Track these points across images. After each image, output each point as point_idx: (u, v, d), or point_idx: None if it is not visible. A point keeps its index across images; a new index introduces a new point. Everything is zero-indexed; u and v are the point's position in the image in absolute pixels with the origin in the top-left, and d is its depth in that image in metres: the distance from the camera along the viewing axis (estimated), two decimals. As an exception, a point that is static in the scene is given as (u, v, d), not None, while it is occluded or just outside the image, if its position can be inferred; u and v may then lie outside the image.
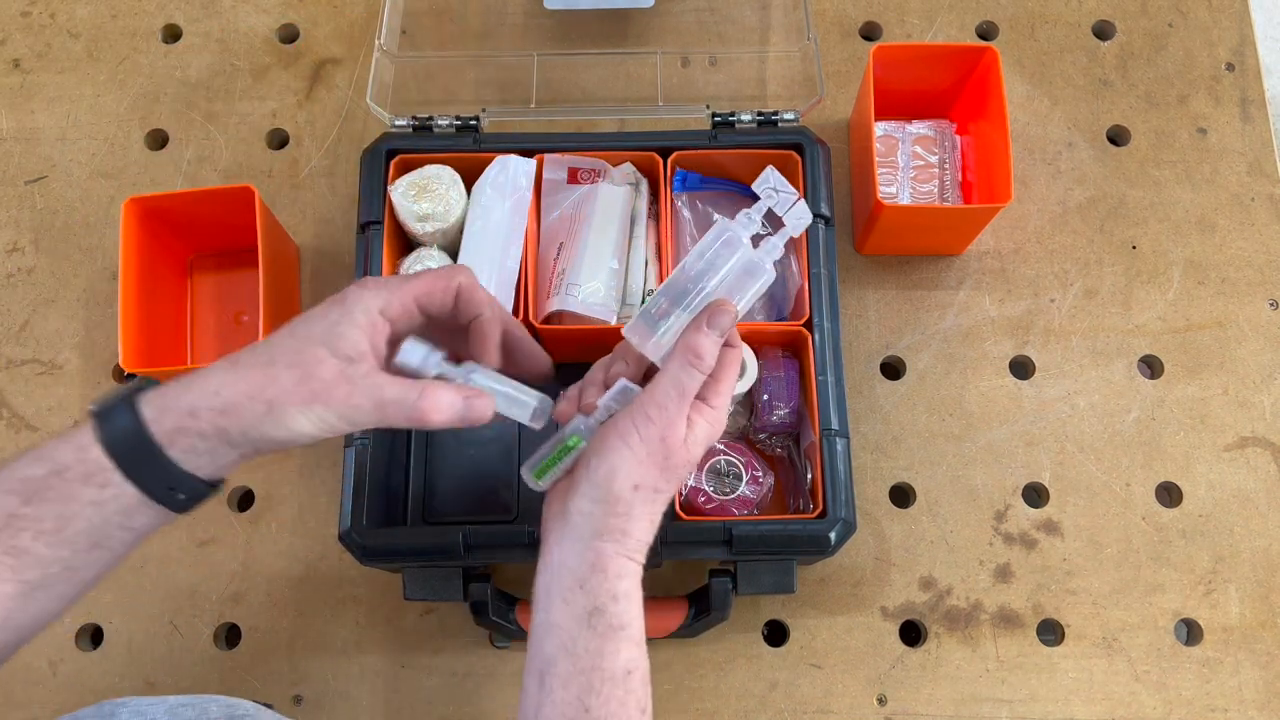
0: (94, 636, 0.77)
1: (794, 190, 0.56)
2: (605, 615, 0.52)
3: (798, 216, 0.56)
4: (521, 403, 0.56)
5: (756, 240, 0.57)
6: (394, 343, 0.54)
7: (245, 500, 0.80)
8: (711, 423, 0.55)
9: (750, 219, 0.56)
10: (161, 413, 0.49)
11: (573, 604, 0.53)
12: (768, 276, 0.56)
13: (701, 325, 0.54)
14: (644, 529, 0.54)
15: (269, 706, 0.59)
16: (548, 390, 0.58)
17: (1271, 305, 0.84)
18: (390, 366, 0.53)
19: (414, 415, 0.50)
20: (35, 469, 0.48)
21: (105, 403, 0.50)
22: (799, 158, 0.77)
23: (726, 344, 0.57)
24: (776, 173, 0.57)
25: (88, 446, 0.48)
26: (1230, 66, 0.90)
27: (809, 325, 0.73)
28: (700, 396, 0.55)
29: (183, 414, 0.49)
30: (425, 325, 0.56)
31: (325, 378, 0.49)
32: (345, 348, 0.50)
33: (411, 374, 0.53)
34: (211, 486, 0.51)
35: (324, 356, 0.50)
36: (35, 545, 0.47)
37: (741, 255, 0.56)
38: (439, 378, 0.54)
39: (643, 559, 0.55)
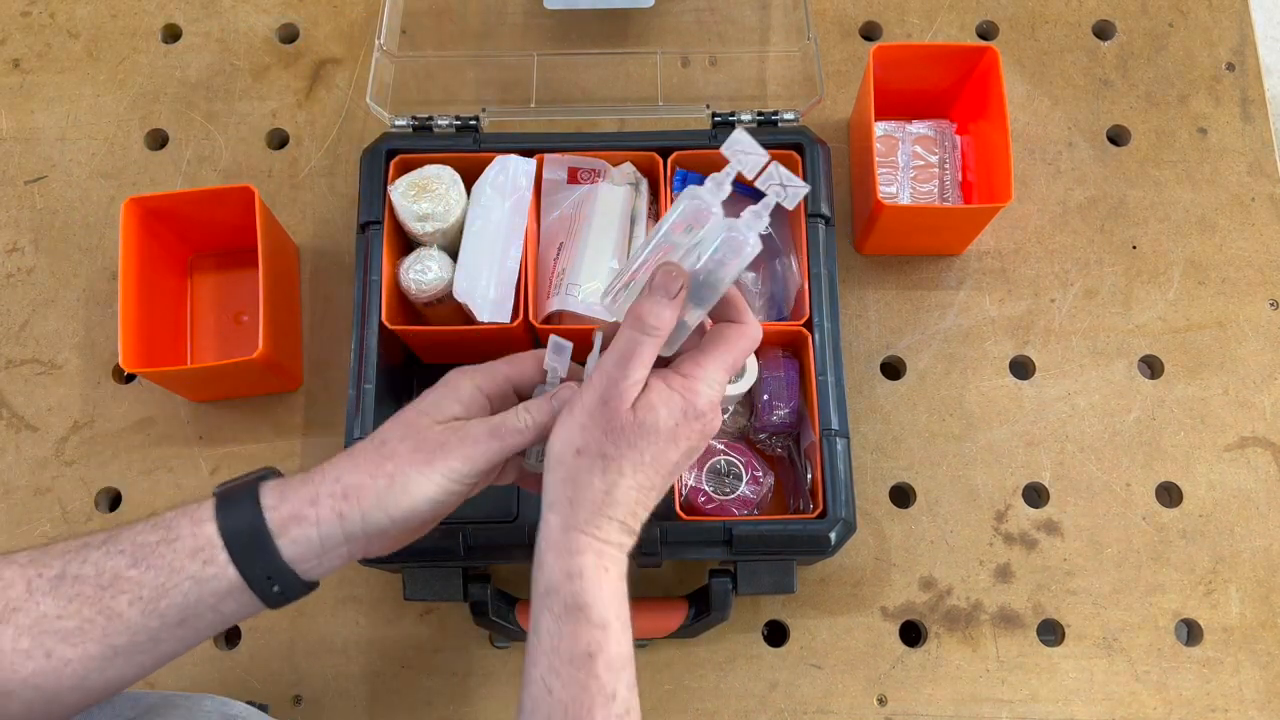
0: (94, 636, 0.77)
1: (764, 152, 0.51)
2: (559, 594, 0.50)
3: (770, 182, 0.51)
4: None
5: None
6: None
7: (245, 500, 0.80)
8: (681, 390, 0.51)
9: (719, 185, 0.52)
10: (280, 501, 0.50)
11: (535, 581, 0.51)
12: (749, 249, 0.52)
13: (647, 291, 0.51)
14: (595, 499, 0.50)
15: (264, 708, 0.59)
16: None
17: (1271, 305, 0.84)
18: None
19: (523, 424, 0.53)
20: (150, 535, 0.49)
21: (230, 484, 0.52)
22: (799, 158, 0.77)
23: (730, 320, 0.54)
24: (746, 135, 0.51)
25: (203, 521, 0.49)
26: (1230, 66, 0.90)
27: (809, 325, 0.73)
28: (674, 367, 0.52)
29: (302, 502, 0.50)
30: (516, 402, 0.57)
31: (437, 438, 0.52)
32: (449, 413, 0.53)
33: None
34: (307, 587, 0.52)
35: (431, 424, 0.53)
36: (130, 611, 0.48)
37: (711, 228, 0.52)
38: None
39: (603, 534, 0.50)
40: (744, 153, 0.51)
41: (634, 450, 0.51)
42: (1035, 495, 0.80)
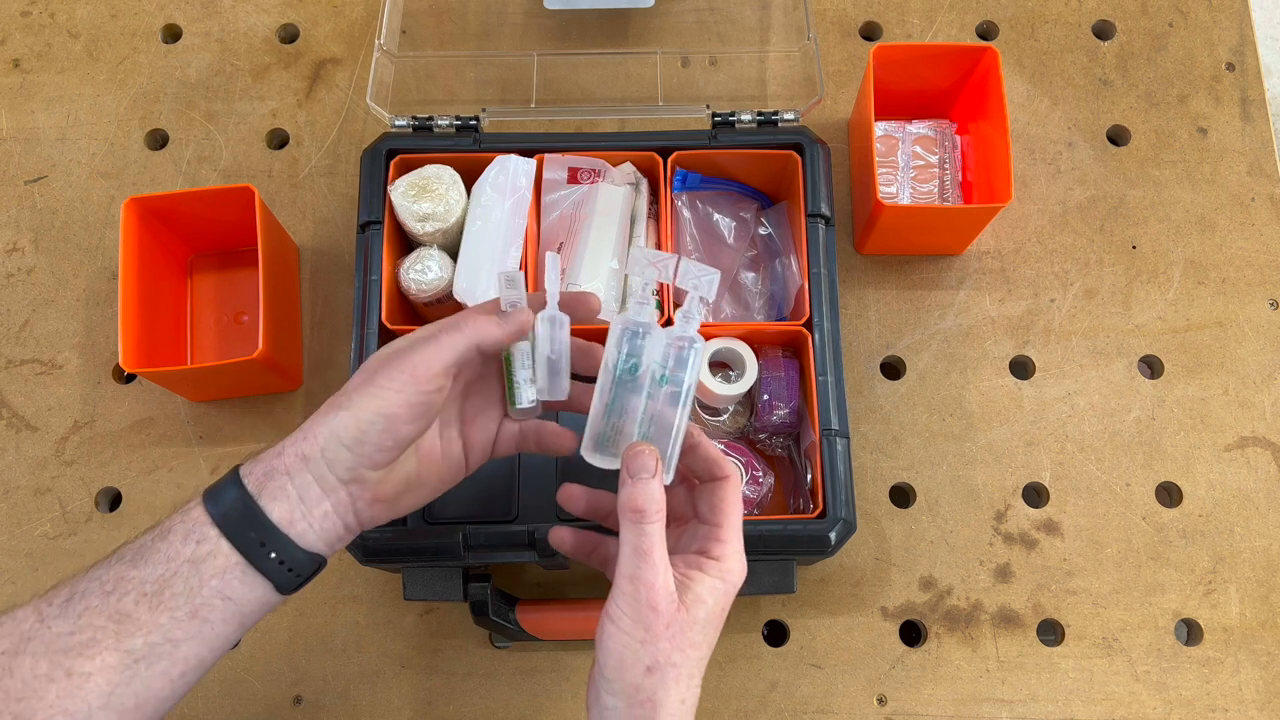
0: (94, 636, 0.77)
1: (668, 257, 0.53)
2: None
3: (687, 278, 0.52)
4: (522, 384, 0.57)
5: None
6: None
7: (245, 500, 0.80)
8: (720, 576, 0.51)
9: (640, 303, 0.54)
10: (255, 465, 0.51)
11: None
12: (698, 347, 0.53)
13: (625, 479, 0.51)
14: (675, 712, 0.50)
15: None
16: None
17: (1271, 305, 0.84)
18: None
19: (462, 321, 0.53)
20: (146, 537, 0.50)
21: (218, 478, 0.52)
22: (799, 158, 0.77)
23: (712, 476, 0.54)
24: (640, 252, 0.54)
25: (192, 509, 0.50)
26: (1230, 66, 0.90)
27: (809, 325, 0.73)
28: (700, 550, 0.53)
29: (271, 457, 0.51)
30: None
31: (378, 362, 0.52)
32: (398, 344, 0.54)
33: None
34: (311, 559, 0.51)
35: (373, 357, 0.53)
36: (138, 610, 0.47)
37: (653, 338, 0.54)
38: None
39: None
40: (650, 264, 0.53)
41: (697, 649, 0.51)
42: (1035, 495, 0.80)
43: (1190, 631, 0.77)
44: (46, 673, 0.46)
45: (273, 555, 0.49)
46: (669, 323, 0.68)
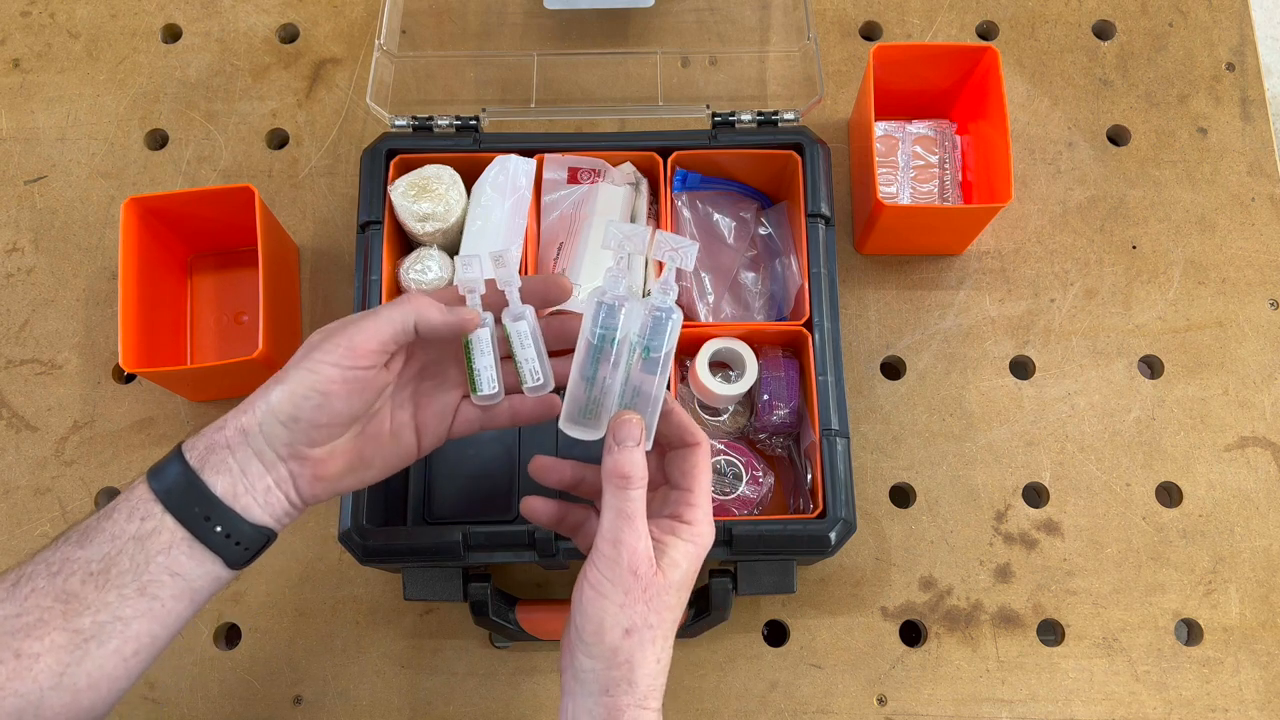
0: (94, 636, 0.77)
1: (643, 230, 0.53)
2: None
3: (663, 249, 0.53)
4: (487, 375, 0.57)
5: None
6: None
7: (245, 500, 0.80)
8: (692, 539, 0.53)
9: (615, 276, 0.54)
10: (198, 439, 0.51)
11: None
12: (676, 318, 0.54)
13: (611, 446, 0.52)
14: (651, 672, 0.51)
15: None
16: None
17: (1271, 305, 0.84)
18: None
19: (403, 299, 0.52)
20: (92, 517, 0.50)
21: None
22: (799, 158, 0.77)
23: (684, 442, 0.55)
24: (615, 228, 0.53)
25: (136, 486, 0.50)
26: (1230, 66, 0.90)
27: (809, 325, 0.73)
28: (673, 514, 0.54)
29: (213, 431, 0.51)
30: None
31: (319, 337, 0.51)
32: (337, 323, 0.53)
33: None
34: (258, 532, 0.51)
35: (325, 328, 0.52)
36: (84, 589, 0.47)
37: (630, 311, 0.54)
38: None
39: (657, 703, 0.51)
40: (625, 238, 0.53)
41: (671, 611, 0.52)
42: (1035, 495, 0.80)
43: (1190, 631, 0.77)
44: None
45: (218, 529, 0.49)
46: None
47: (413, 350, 0.56)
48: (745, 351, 0.73)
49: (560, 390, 0.58)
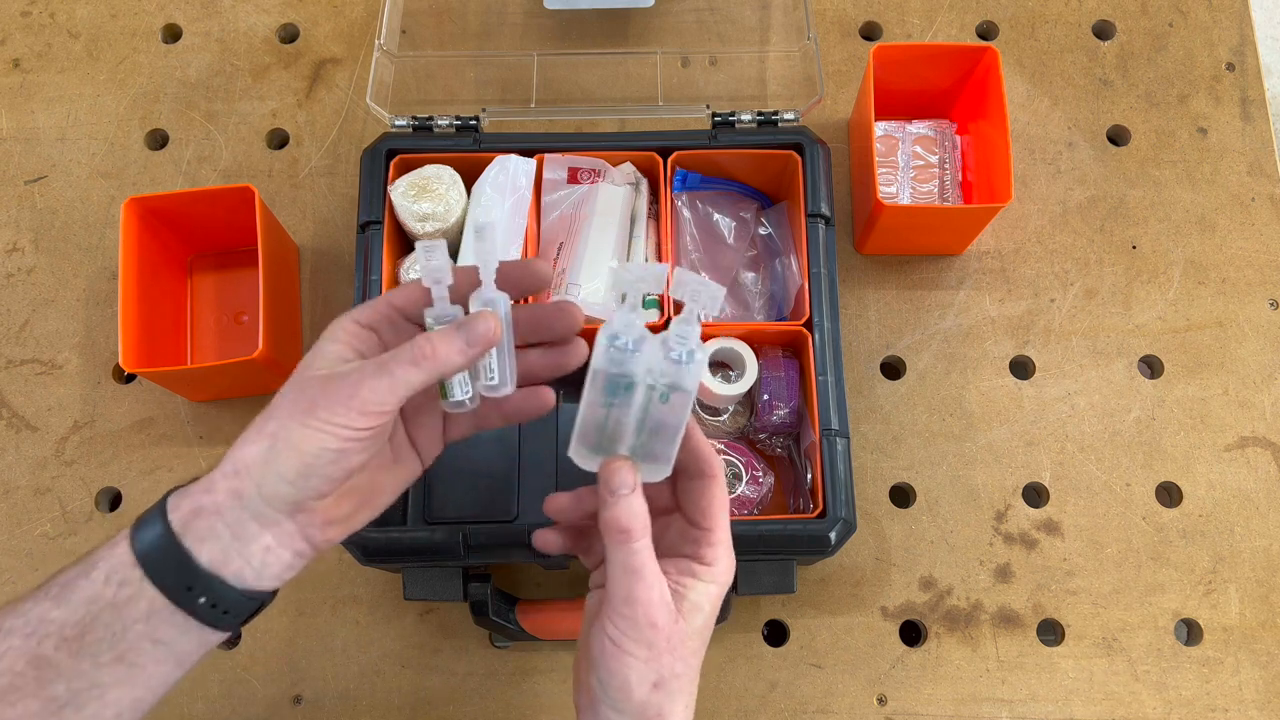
0: (94, 636, 0.77)
1: (659, 269, 0.48)
2: None
3: (683, 289, 0.47)
4: (460, 379, 0.51)
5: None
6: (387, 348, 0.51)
7: (245, 500, 0.80)
8: (711, 579, 0.50)
9: (627, 320, 0.48)
10: (182, 499, 0.47)
11: None
12: (700, 358, 0.49)
13: (605, 498, 0.48)
14: (682, 717, 0.50)
15: None
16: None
17: (1271, 305, 0.84)
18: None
19: (418, 353, 0.47)
20: (72, 571, 0.46)
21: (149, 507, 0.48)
22: (799, 158, 0.77)
23: (701, 473, 0.51)
24: (621, 271, 0.48)
25: (117, 544, 0.46)
26: (1230, 66, 0.90)
27: (809, 325, 0.73)
28: (691, 555, 0.51)
29: (200, 494, 0.47)
30: (412, 330, 0.53)
31: (318, 383, 0.47)
32: (329, 359, 0.48)
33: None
34: (247, 598, 0.47)
35: (310, 375, 0.48)
36: (58, 655, 0.44)
37: (646, 351, 0.49)
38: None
39: None
40: (638, 281, 0.48)
41: (695, 656, 0.50)
42: (1035, 495, 0.80)
43: (1190, 631, 0.77)
44: None
45: (202, 600, 0.46)
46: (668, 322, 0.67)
47: None
48: (745, 351, 0.73)
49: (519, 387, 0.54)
